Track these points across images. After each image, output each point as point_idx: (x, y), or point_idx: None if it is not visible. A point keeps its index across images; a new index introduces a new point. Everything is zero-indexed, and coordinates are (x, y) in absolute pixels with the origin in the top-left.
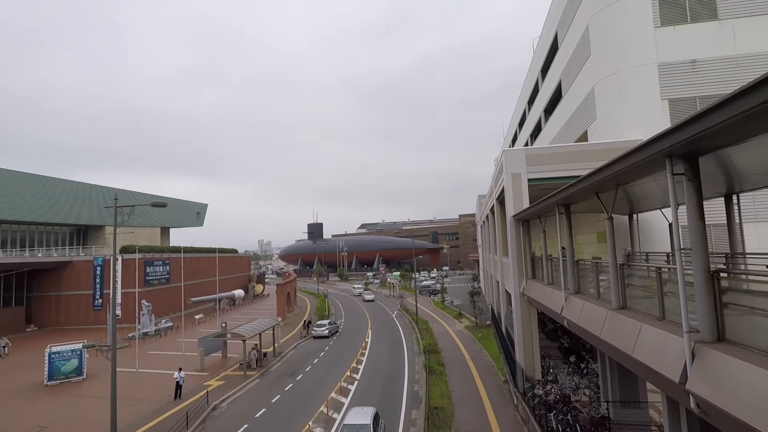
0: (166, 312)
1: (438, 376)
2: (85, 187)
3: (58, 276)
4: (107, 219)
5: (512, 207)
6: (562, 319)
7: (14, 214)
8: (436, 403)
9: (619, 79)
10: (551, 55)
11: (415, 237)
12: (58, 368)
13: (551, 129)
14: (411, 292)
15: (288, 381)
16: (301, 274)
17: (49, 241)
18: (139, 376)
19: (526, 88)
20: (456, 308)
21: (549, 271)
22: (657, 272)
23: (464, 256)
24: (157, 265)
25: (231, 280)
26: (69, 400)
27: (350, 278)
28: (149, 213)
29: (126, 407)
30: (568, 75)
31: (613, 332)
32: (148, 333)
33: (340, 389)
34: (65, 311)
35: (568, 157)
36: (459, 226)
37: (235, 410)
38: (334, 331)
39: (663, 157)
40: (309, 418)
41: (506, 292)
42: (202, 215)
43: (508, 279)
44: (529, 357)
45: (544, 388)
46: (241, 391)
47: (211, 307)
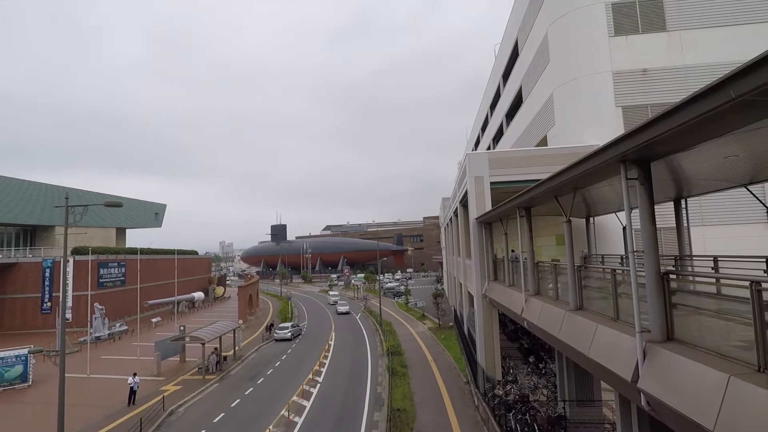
0: (121, 315)
1: (401, 378)
2: (33, 185)
3: (3, 278)
4: (58, 219)
5: (475, 210)
6: (522, 320)
7: None
8: (398, 404)
9: (577, 86)
10: (512, 61)
11: (380, 239)
12: (1, 375)
13: (513, 133)
14: (375, 294)
15: (248, 385)
16: (263, 276)
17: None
18: (90, 381)
19: (488, 92)
20: (419, 310)
21: (510, 273)
22: (612, 274)
23: (428, 258)
24: (112, 266)
25: (191, 283)
26: (12, 407)
27: (314, 280)
28: (104, 213)
29: (75, 414)
30: (529, 81)
31: (571, 332)
32: (101, 337)
33: (302, 392)
34: (10, 314)
35: (529, 161)
36: (423, 229)
37: (192, 415)
38: (297, 334)
39: (617, 162)
40: (269, 422)
41: (469, 294)
42: (160, 216)
43: (470, 281)
44: (490, 358)
45: (504, 389)
46: (199, 395)
47: (169, 310)
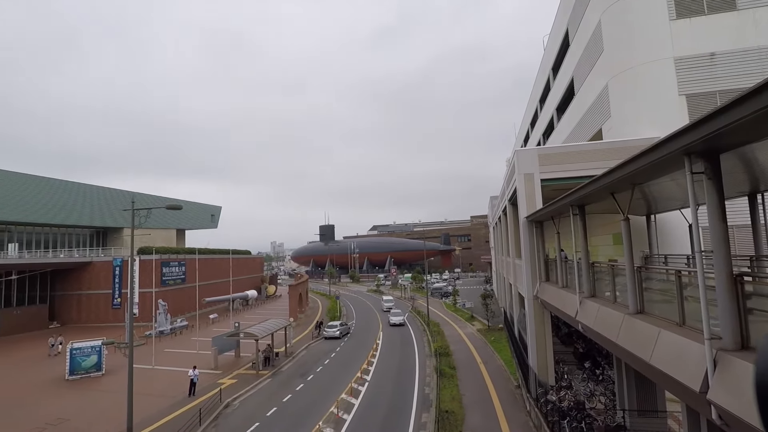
0: (182, 311)
1: (449, 380)
2: (104, 190)
3: (79, 276)
4: (125, 221)
5: (525, 208)
6: (576, 323)
7: (39, 217)
8: (446, 406)
9: (634, 75)
10: (562, 53)
11: (427, 239)
12: (79, 364)
13: (564, 128)
14: (422, 294)
15: (299, 381)
16: (312, 275)
17: (71, 243)
18: (155, 372)
19: (537, 86)
20: (468, 311)
21: (563, 273)
22: (676, 275)
23: (476, 258)
24: (173, 265)
25: (244, 281)
26: (88, 394)
27: (362, 280)
28: (165, 215)
29: (142, 402)
30: (581, 72)
31: (630, 338)
32: (164, 331)
33: (351, 390)
34: (86, 309)
35: (582, 156)
36: (471, 228)
37: (247, 408)
38: (346, 332)
39: (681, 155)
40: (319, 418)
41: (519, 295)
42: (216, 217)
43: (521, 281)
44: (543, 362)
45: (557, 394)
46: (253, 389)
47: (224, 308)
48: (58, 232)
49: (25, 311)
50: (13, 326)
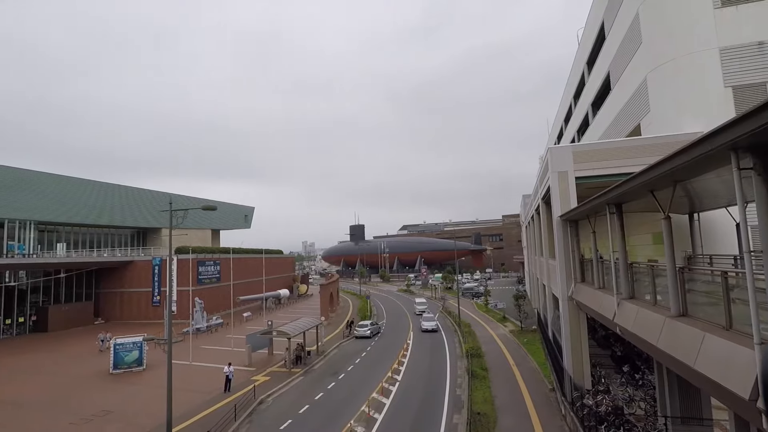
0: (217, 309)
1: (481, 381)
2: (143, 192)
3: (121, 274)
4: (164, 222)
5: (559, 207)
6: (614, 325)
7: (84, 218)
8: (478, 408)
9: (675, 68)
10: (598, 46)
11: (457, 238)
12: (122, 358)
13: (600, 124)
14: (453, 294)
15: (331, 379)
16: (343, 274)
17: (114, 243)
18: (192, 368)
19: (571, 81)
20: (500, 312)
21: (600, 274)
22: (723, 277)
23: (508, 258)
24: (209, 265)
25: (277, 280)
26: (130, 388)
27: (392, 279)
28: (201, 216)
29: (180, 397)
30: (617, 66)
31: (672, 341)
32: (201, 329)
33: (382, 390)
34: (128, 306)
35: (619, 153)
36: (503, 227)
37: (280, 405)
38: (376, 332)
39: (728, 151)
40: (351, 416)
41: (553, 296)
42: (249, 218)
43: (555, 282)
44: (578, 365)
45: (594, 399)
46: (285, 387)
47: (258, 306)
48: (102, 233)
49: (72, 307)
50: (62, 322)
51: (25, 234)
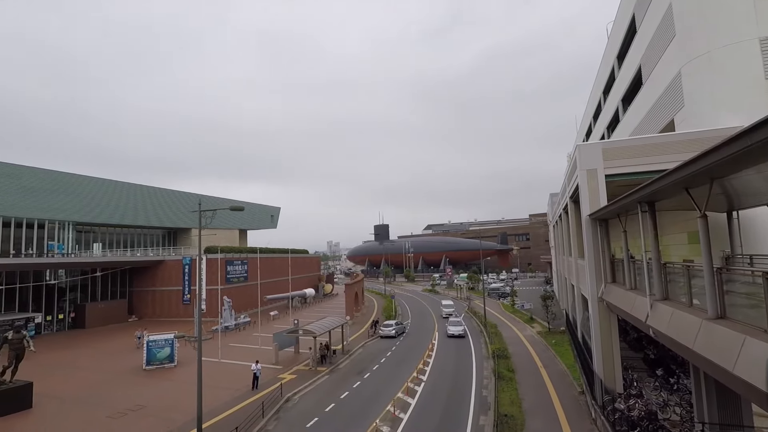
0: (245, 308)
1: (508, 383)
2: (173, 193)
3: (153, 273)
4: (193, 222)
5: (588, 205)
6: (647, 327)
7: (118, 219)
8: (505, 410)
9: (711, 60)
10: (628, 40)
11: (483, 238)
12: (155, 355)
13: (631, 120)
14: (479, 294)
15: (356, 378)
16: (368, 274)
17: (146, 243)
18: (221, 365)
19: (600, 76)
20: (527, 312)
21: (631, 275)
22: (764, 278)
23: (535, 257)
24: (237, 264)
25: (302, 280)
26: (162, 383)
27: (417, 279)
28: (229, 216)
29: (210, 394)
30: (649, 59)
31: (710, 344)
32: (229, 327)
33: (407, 390)
34: (159, 304)
35: (651, 149)
36: (530, 227)
37: (306, 403)
38: (401, 332)
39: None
40: (376, 416)
41: (582, 297)
42: (275, 218)
43: (584, 283)
44: (609, 367)
45: (626, 403)
46: (311, 385)
47: (284, 305)
48: (135, 233)
49: (107, 305)
50: (99, 318)
51: (64, 234)
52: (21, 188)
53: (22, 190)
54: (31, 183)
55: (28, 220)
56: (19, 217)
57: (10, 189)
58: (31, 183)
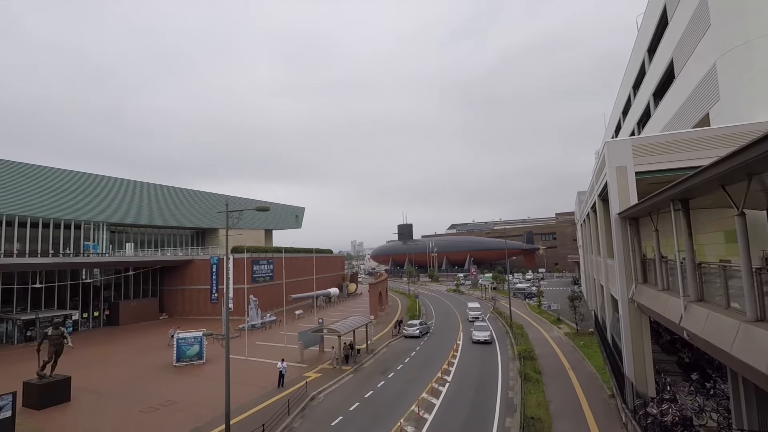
0: (270, 307)
1: (534, 384)
2: (201, 194)
3: (182, 272)
4: (221, 222)
5: (617, 204)
6: (680, 330)
7: (150, 220)
8: (532, 412)
9: (749, 51)
10: (660, 32)
11: (508, 237)
12: (184, 352)
13: (662, 115)
14: (504, 294)
15: (380, 378)
16: (392, 274)
17: (175, 242)
18: (248, 363)
19: (630, 71)
20: (554, 313)
21: (663, 275)
22: None
23: (562, 257)
24: (262, 263)
25: (327, 279)
26: (192, 380)
27: (441, 279)
28: (255, 217)
29: (237, 391)
30: (682, 52)
31: (749, 348)
32: (255, 325)
33: (431, 390)
34: (188, 303)
35: (684, 145)
36: (556, 226)
37: (331, 402)
38: (425, 332)
39: None
40: (401, 415)
41: (612, 298)
42: (300, 218)
43: (613, 283)
44: (641, 371)
45: (659, 407)
46: (336, 384)
47: (309, 304)
48: (165, 233)
49: (140, 303)
50: (131, 316)
51: (99, 235)
52: (58, 190)
53: (59, 192)
54: (67, 185)
55: (65, 221)
56: (57, 219)
57: (48, 191)
58: (68, 185)
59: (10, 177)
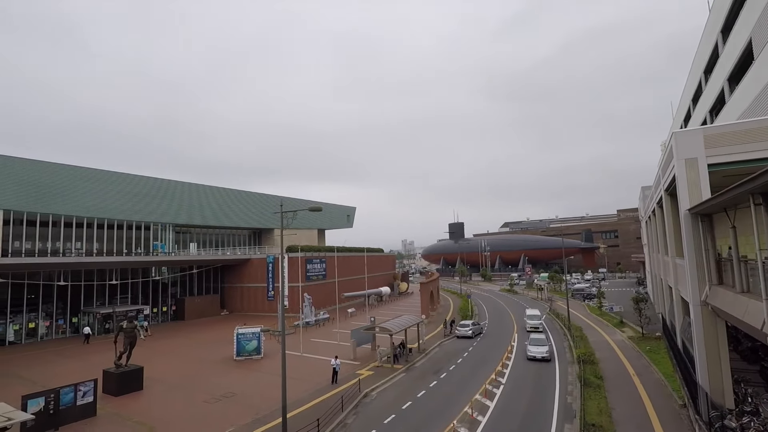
0: (323, 305)
1: (595, 390)
2: (258, 196)
3: (241, 271)
4: (276, 223)
5: (687, 199)
6: (763, 336)
7: (211, 220)
8: (593, 419)
9: None
10: (735, 9)
11: (565, 236)
12: (243, 347)
13: (739, 101)
14: (561, 295)
15: (432, 378)
16: (443, 273)
17: (234, 242)
18: (302, 359)
19: (701, 54)
20: (616, 315)
21: (743, 276)
22: None
23: (625, 256)
24: (316, 262)
25: (378, 278)
26: (250, 374)
27: (494, 279)
28: (308, 217)
29: (292, 386)
30: (762, 30)
31: None
32: (309, 323)
33: (485, 392)
34: (246, 300)
35: (765, 133)
36: (618, 223)
37: (383, 400)
38: (478, 332)
39: None
40: (454, 416)
41: (682, 300)
42: (351, 217)
43: (683, 284)
44: (716, 380)
45: (738, 421)
46: (388, 382)
47: (360, 303)
48: (224, 233)
49: (203, 299)
50: (195, 311)
51: (166, 235)
52: (131, 194)
53: (132, 196)
54: (139, 189)
55: (136, 222)
56: (129, 221)
57: (123, 195)
58: (139, 189)
59: (90, 183)
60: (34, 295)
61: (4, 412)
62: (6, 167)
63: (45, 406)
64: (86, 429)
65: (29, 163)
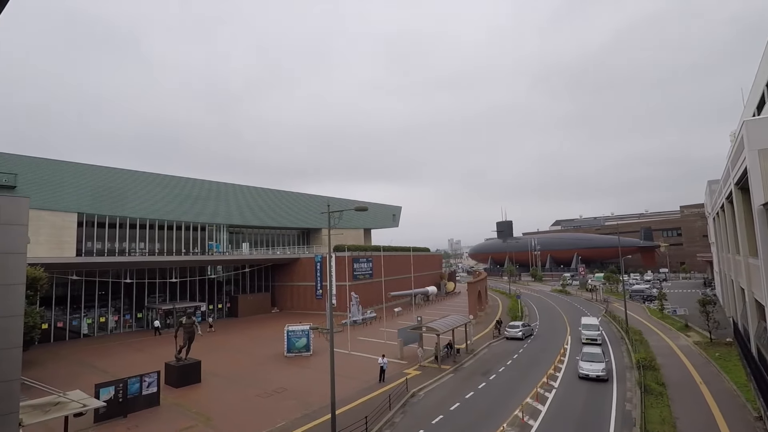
0: (370, 304)
1: (657, 398)
2: (305, 197)
3: (290, 270)
4: (323, 222)
5: (761, 193)
6: None
7: (262, 221)
8: (655, 428)
9: None
10: None
11: (622, 234)
12: (293, 344)
13: None
14: (618, 296)
15: (481, 379)
16: (491, 273)
17: (284, 242)
18: (350, 357)
19: None
20: (680, 319)
21: None
22: None
23: (690, 255)
24: (362, 261)
25: (424, 277)
26: (300, 370)
27: (545, 279)
28: (354, 216)
29: (341, 383)
30: None
31: None
32: (357, 321)
33: (536, 396)
34: (296, 298)
35: None
36: (681, 220)
37: (431, 400)
38: (529, 334)
39: None
40: (503, 419)
41: (756, 303)
42: (397, 217)
43: (758, 286)
44: None
45: None
46: (436, 383)
47: (407, 302)
48: (274, 233)
49: (255, 297)
50: (248, 309)
51: (220, 235)
52: (188, 197)
53: (188, 198)
54: (194, 192)
55: (193, 224)
56: (187, 222)
57: (181, 198)
58: (196, 192)
59: (151, 187)
60: (104, 291)
61: (81, 399)
62: (81, 173)
63: (115, 395)
64: (151, 417)
65: (100, 169)
